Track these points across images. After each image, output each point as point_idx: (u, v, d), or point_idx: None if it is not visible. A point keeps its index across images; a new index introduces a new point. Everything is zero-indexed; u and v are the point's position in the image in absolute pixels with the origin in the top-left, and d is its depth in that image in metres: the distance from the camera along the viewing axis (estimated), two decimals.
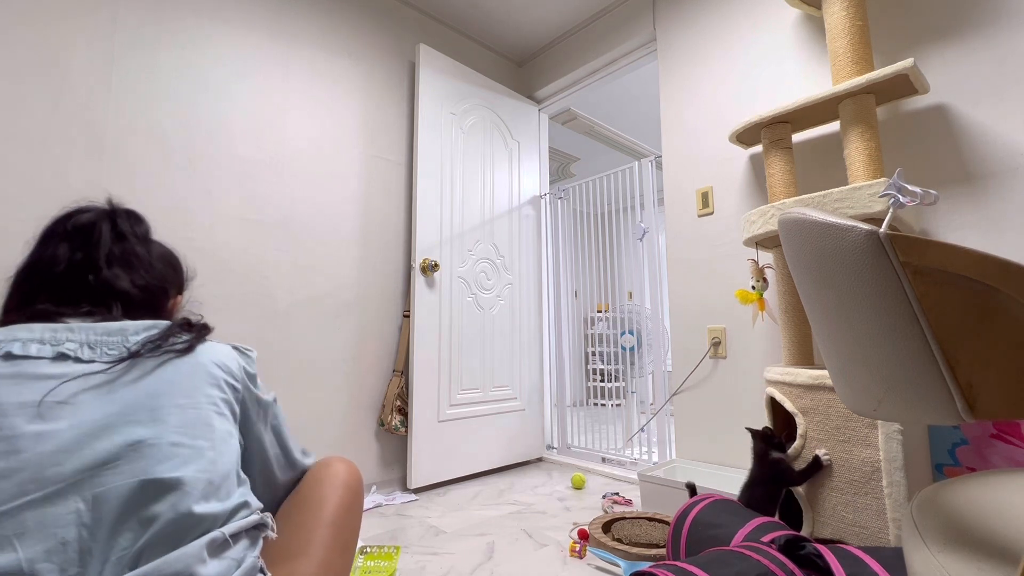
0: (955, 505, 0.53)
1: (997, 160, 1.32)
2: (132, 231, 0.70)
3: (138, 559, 0.45)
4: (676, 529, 1.14)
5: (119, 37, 1.57)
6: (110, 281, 0.63)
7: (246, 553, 0.53)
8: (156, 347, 0.57)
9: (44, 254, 0.64)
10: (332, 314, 1.98)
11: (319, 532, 0.65)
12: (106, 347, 0.55)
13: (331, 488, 0.72)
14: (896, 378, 0.50)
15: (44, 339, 0.53)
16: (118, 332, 0.57)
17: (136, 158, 1.58)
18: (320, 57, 2.05)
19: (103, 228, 0.66)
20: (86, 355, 0.54)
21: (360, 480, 0.77)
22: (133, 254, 0.67)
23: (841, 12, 1.40)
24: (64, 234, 0.65)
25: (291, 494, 0.73)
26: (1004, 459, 1.17)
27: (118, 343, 0.56)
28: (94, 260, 0.63)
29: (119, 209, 0.71)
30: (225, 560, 0.50)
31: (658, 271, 2.31)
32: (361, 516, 0.75)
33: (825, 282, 0.56)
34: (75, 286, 0.61)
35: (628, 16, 2.34)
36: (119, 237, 0.67)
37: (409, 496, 1.94)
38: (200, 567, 0.47)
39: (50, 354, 0.52)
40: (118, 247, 0.66)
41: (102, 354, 0.54)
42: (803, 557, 0.84)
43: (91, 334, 0.55)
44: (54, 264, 0.62)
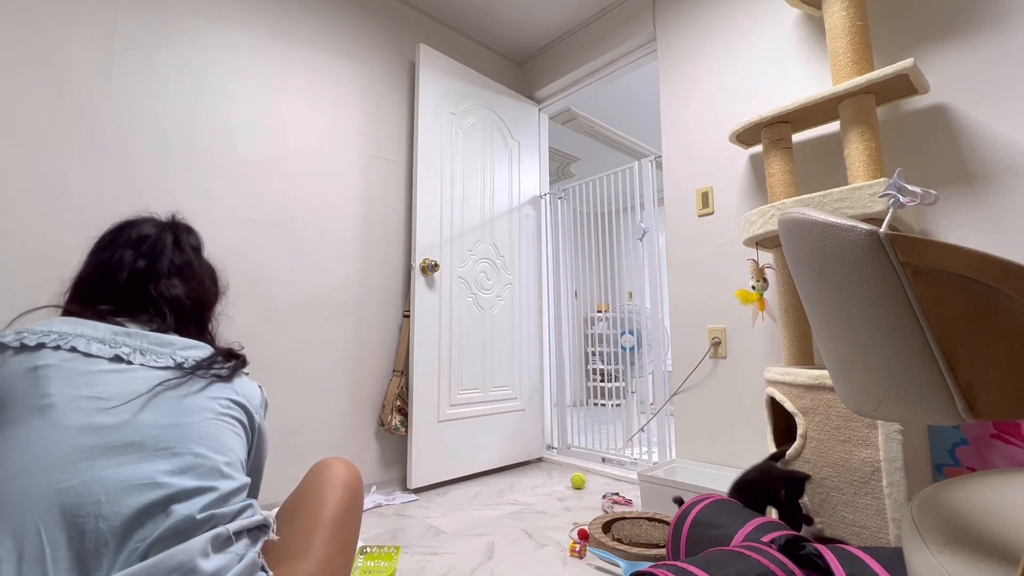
0: (955, 505, 0.53)
1: (997, 160, 1.32)
2: (191, 244, 0.78)
3: (148, 552, 0.49)
4: (676, 529, 1.14)
5: (119, 37, 1.57)
6: (168, 290, 0.71)
7: (247, 550, 0.56)
8: (205, 370, 0.64)
9: (109, 259, 0.71)
10: (332, 314, 1.98)
11: (319, 532, 0.67)
12: (155, 355, 0.62)
13: (331, 489, 0.73)
14: (896, 378, 0.50)
15: (105, 339, 0.60)
16: (168, 344, 0.64)
17: (136, 158, 1.58)
18: (320, 57, 2.05)
19: (166, 239, 0.75)
20: (137, 360, 0.60)
21: (360, 480, 0.78)
22: (189, 266, 0.76)
23: (841, 12, 1.40)
24: (128, 242, 0.72)
25: (291, 495, 0.75)
26: (1004, 459, 1.17)
27: (166, 354, 0.63)
28: (156, 269, 0.71)
29: (180, 223, 0.79)
30: (228, 555, 0.53)
31: (658, 271, 2.31)
32: (361, 516, 0.76)
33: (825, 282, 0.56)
34: (136, 292, 0.69)
35: (628, 16, 2.34)
36: (179, 249, 0.75)
37: (409, 496, 1.94)
38: (202, 560, 0.50)
39: (108, 355, 0.58)
40: (178, 258, 0.74)
41: (151, 361, 0.61)
42: (803, 557, 0.84)
43: (145, 342, 0.62)
44: (118, 269, 0.70)
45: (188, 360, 0.63)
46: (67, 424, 0.51)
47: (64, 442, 0.50)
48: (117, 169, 1.54)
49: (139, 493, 0.50)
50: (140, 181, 1.58)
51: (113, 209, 1.53)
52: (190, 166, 1.68)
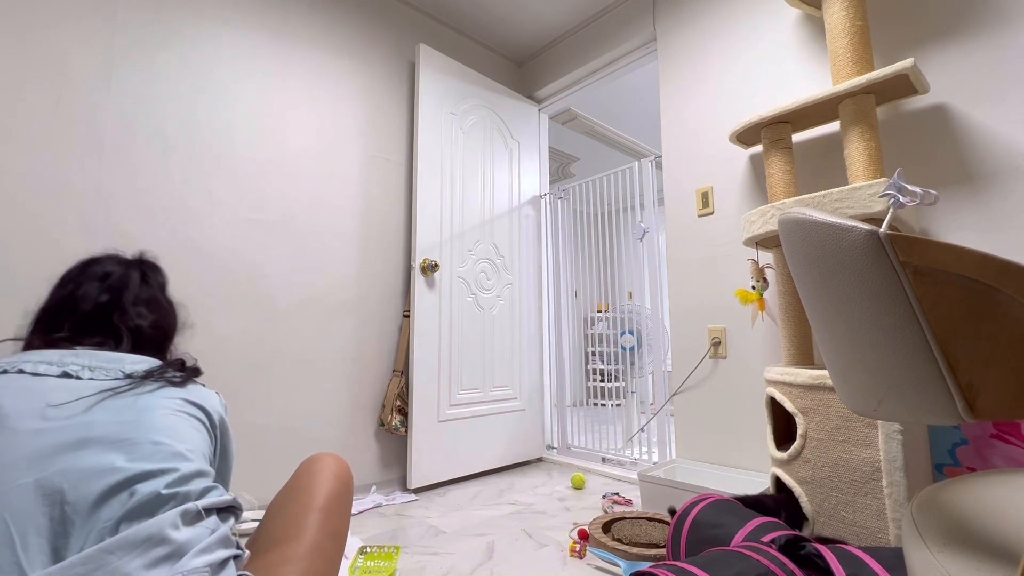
0: (955, 505, 0.53)
1: (997, 160, 1.32)
2: (157, 281, 0.82)
3: (117, 528, 0.51)
4: (676, 529, 1.14)
5: (119, 37, 1.57)
6: (132, 320, 0.74)
7: (218, 525, 0.58)
8: (157, 377, 0.66)
9: (72, 293, 0.74)
10: (332, 314, 1.98)
11: (309, 518, 0.69)
12: (103, 371, 0.64)
13: (321, 478, 0.75)
14: (896, 378, 0.50)
15: (52, 361, 0.62)
16: (116, 361, 0.66)
17: (136, 158, 1.58)
18: (320, 57, 2.05)
19: (132, 276, 0.78)
20: (86, 375, 0.62)
21: (349, 472, 0.80)
22: (155, 300, 0.79)
23: (841, 12, 1.40)
24: (93, 277, 0.76)
25: (283, 487, 0.77)
26: (1004, 459, 1.17)
27: (115, 369, 0.65)
28: (120, 302, 0.75)
29: (147, 260, 0.84)
30: (198, 528, 0.55)
31: (658, 271, 2.31)
32: (351, 506, 0.78)
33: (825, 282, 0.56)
34: (96, 322, 0.72)
35: (628, 16, 2.34)
36: (146, 284, 0.79)
37: (409, 496, 1.94)
38: (173, 531, 0.52)
39: (56, 372, 0.61)
40: (144, 292, 0.78)
41: (99, 375, 0.63)
42: (803, 557, 0.84)
43: (93, 360, 0.64)
44: (82, 303, 0.73)
45: (138, 371, 0.66)
46: (20, 429, 0.53)
47: (21, 445, 0.52)
48: (117, 169, 1.54)
49: (100, 478, 0.52)
50: (140, 181, 1.58)
51: (113, 209, 1.53)
52: (190, 166, 1.68)
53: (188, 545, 0.52)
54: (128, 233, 1.55)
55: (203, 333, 1.66)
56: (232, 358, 1.71)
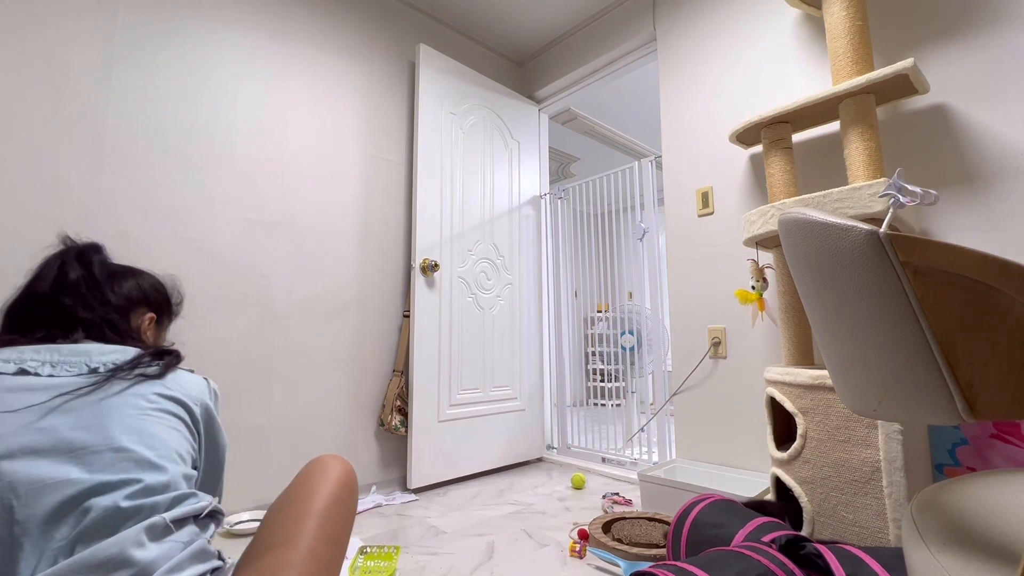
0: (955, 505, 0.53)
1: (997, 160, 1.32)
2: (91, 262, 0.76)
3: (72, 550, 0.47)
4: (677, 529, 1.14)
5: (119, 37, 1.57)
6: (67, 309, 0.70)
7: (196, 537, 0.55)
8: (127, 372, 0.62)
9: (31, 288, 0.71)
10: (332, 314, 1.98)
11: (306, 522, 0.66)
12: (67, 366, 0.60)
13: (321, 481, 0.73)
14: (896, 378, 0.50)
15: (10, 358, 0.58)
16: (82, 353, 0.62)
17: (136, 158, 1.58)
18: (320, 57, 2.05)
19: (66, 262, 0.73)
20: (46, 371, 0.58)
21: (353, 475, 0.77)
22: (91, 283, 0.74)
23: (841, 12, 1.40)
24: (45, 271, 0.73)
25: (286, 488, 0.75)
26: (1004, 459, 1.17)
27: (80, 363, 0.61)
28: (54, 293, 0.71)
29: (79, 245, 0.77)
30: (168, 543, 0.51)
31: (658, 271, 2.31)
32: (354, 511, 0.75)
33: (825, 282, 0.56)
34: (38, 316, 0.68)
35: (628, 16, 2.34)
36: (83, 268, 0.74)
37: (409, 496, 1.94)
38: (136, 550, 0.48)
39: (12, 370, 0.57)
40: (75, 279, 0.73)
41: (62, 371, 0.59)
42: (803, 557, 0.84)
43: (54, 355, 0.61)
44: (33, 298, 0.70)
45: (106, 364, 0.62)
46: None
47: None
48: (117, 169, 1.54)
49: (52, 492, 0.49)
50: (140, 181, 1.58)
51: (113, 209, 1.53)
52: (190, 166, 1.68)
53: (155, 565, 0.48)
54: (128, 233, 1.55)
55: (203, 333, 1.66)
56: (232, 358, 1.71)
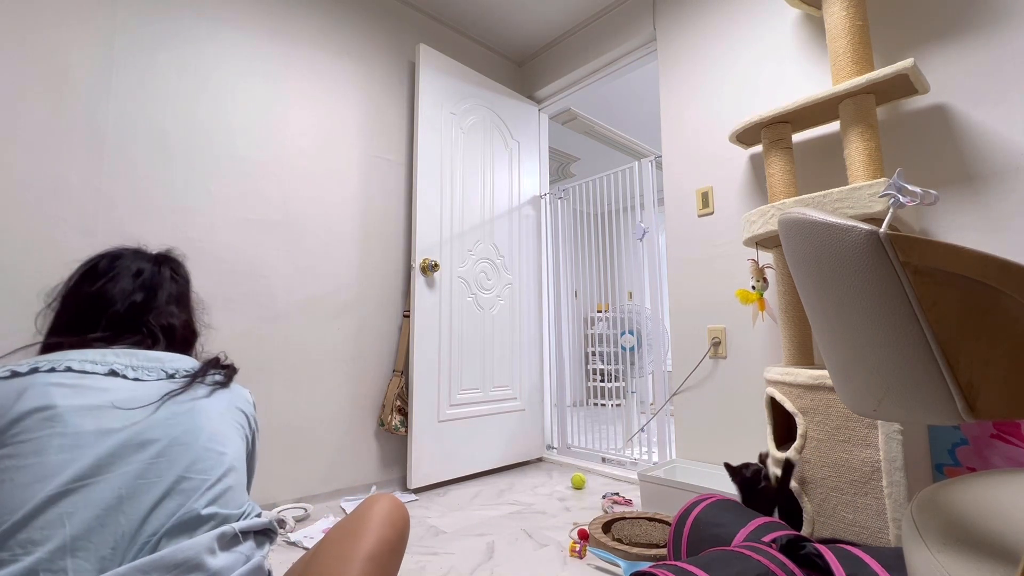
0: (955, 505, 0.53)
1: (997, 160, 1.32)
2: (184, 277, 0.82)
3: (158, 545, 0.51)
4: (677, 529, 1.14)
5: (119, 37, 1.57)
6: (165, 318, 0.74)
7: (254, 552, 0.58)
8: (202, 378, 0.67)
9: (101, 290, 0.71)
10: (332, 314, 1.98)
11: (356, 565, 0.65)
12: (146, 370, 0.63)
13: (375, 523, 0.72)
14: (896, 378, 0.50)
15: (96, 360, 0.61)
16: (156, 361, 0.65)
17: (136, 158, 1.58)
18: (320, 57, 2.05)
19: (165, 273, 0.77)
20: (131, 375, 0.62)
21: (405, 519, 0.77)
22: (185, 297, 0.80)
23: (841, 12, 1.40)
24: (125, 273, 0.74)
25: (337, 523, 0.74)
26: (1004, 459, 1.17)
27: (156, 369, 0.64)
28: (155, 302, 0.74)
29: (173, 257, 0.82)
30: (234, 554, 0.55)
31: (658, 271, 2.31)
32: (402, 555, 0.75)
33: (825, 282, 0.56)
34: (131, 321, 0.71)
35: (628, 16, 2.34)
36: (175, 282, 0.79)
37: (409, 496, 1.94)
38: (209, 556, 0.52)
39: (103, 371, 0.60)
40: (175, 289, 0.78)
41: (143, 375, 0.63)
42: (803, 557, 0.84)
43: (133, 359, 0.64)
44: (114, 301, 0.71)
45: (179, 372, 0.66)
46: (81, 429, 0.53)
47: (83, 446, 0.52)
48: (117, 169, 1.54)
49: (153, 488, 0.52)
50: (140, 181, 1.58)
51: (113, 209, 1.53)
52: (190, 166, 1.68)
53: (221, 573, 0.51)
54: (128, 233, 1.55)
55: (203, 333, 1.66)
56: (232, 358, 1.70)
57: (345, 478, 1.95)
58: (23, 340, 1.36)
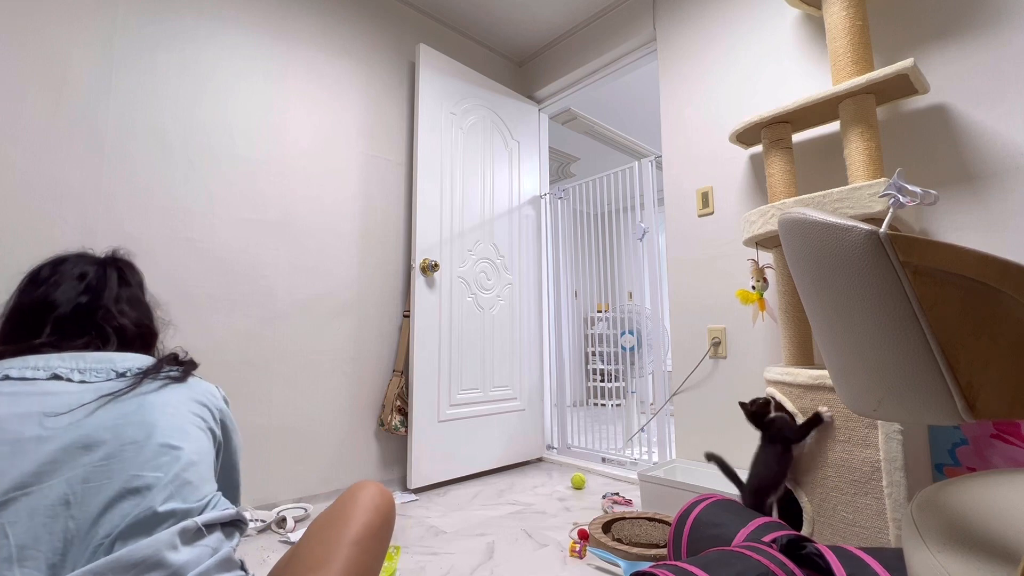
0: (955, 505, 0.53)
1: (997, 160, 1.32)
2: (136, 280, 0.79)
3: (112, 547, 0.49)
4: (677, 529, 1.14)
5: (119, 37, 1.57)
6: (116, 317, 0.71)
7: (221, 544, 0.56)
8: (154, 375, 0.63)
9: (45, 295, 0.70)
10: (332, 314, 1.98)
11: (342, 550, 0.66)
12: (94, 372, 0.60)
13: (360, 509, 0.73)
14: (896, 378, 0.50)
15: (38, 365, 0.59)
16: (106, 361, 0.62)
17: (136, 158, 1.58)
18: (320, 57, 2.05)
19: (111, 275, 0.75)
20: (76, 377, 0.59)
21: (391, 505, 0.77)
22: (136, 299, 0.76)
23: (841, 12, 1.40)
24: (68, 277, 0.72)
25: (323, 511, 0.75)
26: (1004, 459, 1.17)
27: (105, 369, 0.61)
28: (100, 302, 0.71)
29: (122, 259, 0.79)
30: (198, 547, 0.53)
31: (658, 271, 2.31)
32: (388, 541, 0.75)
33: (825, 282, 0.56)
34: (78, 324, 0.68)
35: (628, 16, 2.34)
36: (125, 284, 0.76)
37: (409, 496, 1.94)
38: (171, 552, 0.50)
39: (44, 376, 0.58)
40: (124, 292, 0.75)
41: (90, 377, 0.60)
42: (804, 557, 0.84)
43: (80, 362, 0.61)
44: (57, 305, 0.69)
45: (131, 370, 0.63)
46: (21, 437, 0.51)
47: (23, 453, 0.50)
48: (117, 169, 1.54)
49: (103, 489, 0.50)
50: (140, 181, 1.58)
51: (113, 209, 1.53)
52: (190, 166, 1.68)
53: (185, 568, 0.50)
54: (128, 233, 1.55)
55: (203, 333, 1.66)
56: (232, 358, 1.71)
57: (345, 478, 1.95)
58: None
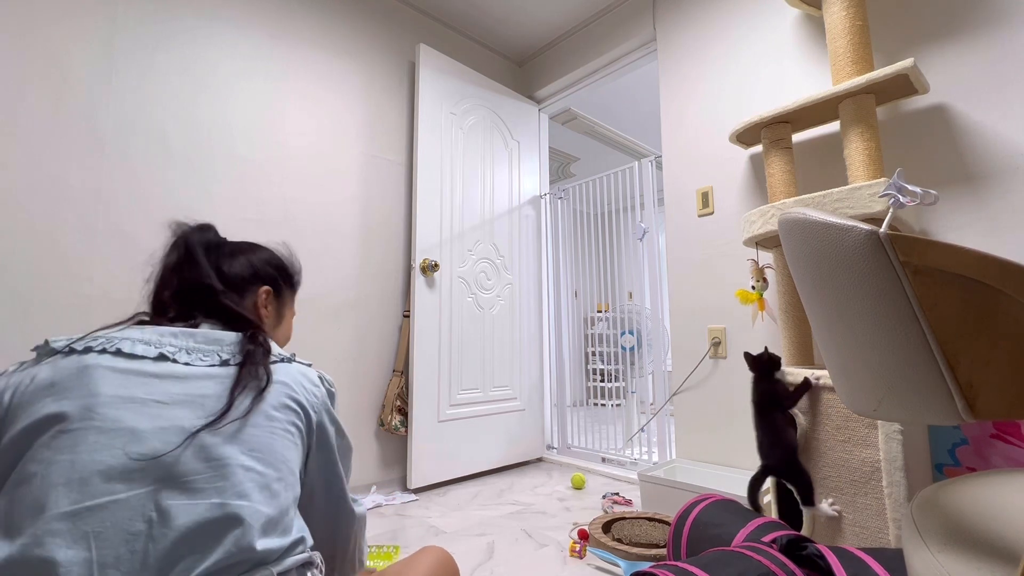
0: (955, 505, 0.53)
1: (997, 160, 1.32)
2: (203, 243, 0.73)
3: None
4: (677, 529, 1.14)
5: (119, 37, 1.57)
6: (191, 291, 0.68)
7: None
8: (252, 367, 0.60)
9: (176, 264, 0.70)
10: (332, 314, 1.98)
11: None
12: (201, 354, 0.59)
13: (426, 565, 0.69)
14: (896, 378, 0.50)
15: (151, 340, 0.57)
16: (215, 342, 0.60)
17: (136, 158, 1.58)
18: (320, 57, 2.05)
19: (181, 245, 0.71)
20: (183, 359, 0.57)
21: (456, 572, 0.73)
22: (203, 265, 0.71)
23: (841, 12, 1.40)
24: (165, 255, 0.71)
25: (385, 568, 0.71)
26: (1004, 459, 1.17)
27: (213, 351, 0.59)
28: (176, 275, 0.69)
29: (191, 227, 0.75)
30: None
31: (658, 271, 2.31)
32: None
33: (825, 282, 0.56)
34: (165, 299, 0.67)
35: (628, 16, 2.34)
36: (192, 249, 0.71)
37: (409, 496, 1.94)
38: None
39: (153, 354, 0.56)
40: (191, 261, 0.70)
41: (197, 359, 0.58)
42: (804, 557, 0.84)
43: (191, 341, 0.59)
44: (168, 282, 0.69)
45: (235, 356, 0.60)
46: (119, 427, 0.49)
47: (118, 446, 0.48)
48: (117, 169, 1.54)
49: (187, 514, 0.47)
50: (140, 181, 1.58)
51: (113, 209, 1.53)
52: (190, 166, 1.68)
53: None
54: (128, 233, 1.55)
55: None
56: None
57: None
58: (23, 340, 1.37)
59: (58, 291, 1.41)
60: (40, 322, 1.38)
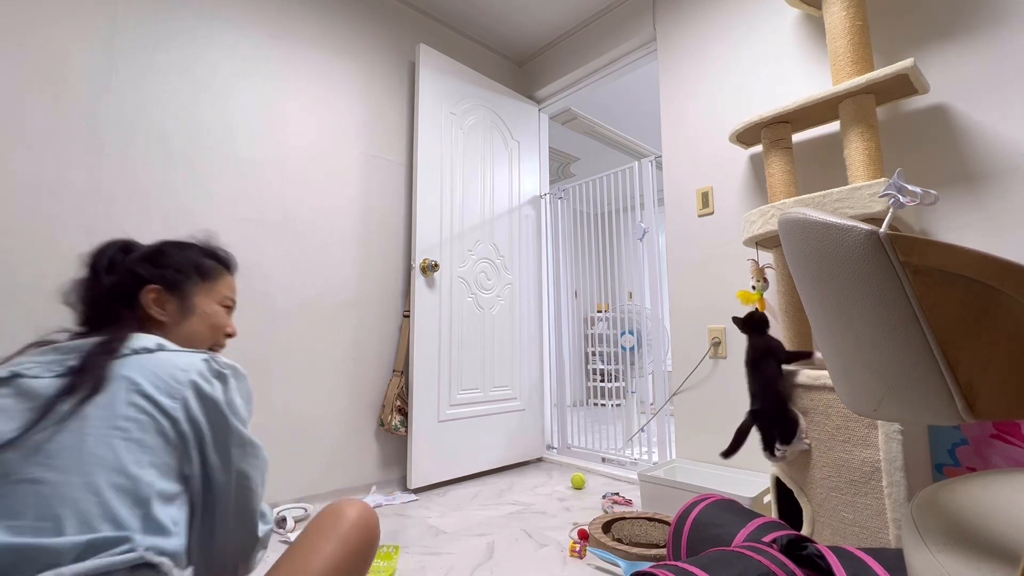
0: (955, 505, 0.53)
1: (997, 160, 1.32)
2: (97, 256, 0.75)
3: None
4: (677, 529, 1.14)
5: (119, 37, 1.57)
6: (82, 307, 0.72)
7: None
8: (91, 369, 0.57)
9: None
10: (332, 314, 1.98)
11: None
12: (55, 364, 0.57)
13: (327, 539, 0.67)
14: (896, 378, 0.50)
15: (22, 362, 0.58)
16: (72, 350, 0.59)
17: (136, 158, 1.58)
18: (320, 57, 2.05)
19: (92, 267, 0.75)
20: (33, 372, 0.56)
21: (370, 529, 0.71)
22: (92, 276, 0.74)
23: (841, 12, 1.40)
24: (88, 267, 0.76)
25: (301, 531, 0.68)
26: (1004, 459, 1.17)
27: (63, 360, 0.58)
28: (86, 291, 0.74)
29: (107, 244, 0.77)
30: None
31: (658, 271, 2.31)
32: (369, 563, 0.70)
33: (825, 282, 0.56)
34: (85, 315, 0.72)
35: (628, 16, 2.34)
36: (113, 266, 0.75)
37: (409, 496, 1.94)
38: None
39: (5, 374, 0.56)
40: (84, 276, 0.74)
41: (46, 371, 0.57)
42: (804, 558, 0.84)
43: (55, 354, 0.59)
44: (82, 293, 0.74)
45: (80, 362, 0.58)
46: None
47: None
48: (117, 169, 1.54)
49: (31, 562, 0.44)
50: (140, 181, 1.58)
51: (113, 209, 1.53)
52: (190, 166, 1.68)
53: None
54: (128, 233, 1.54)
55: None
56: (232, 358, 1.70)
57: (345, 478, 1.95)
58: (23, 340, 1.36)
59: (58, 291, 1.41)
60: (40, 322, 1.38)
